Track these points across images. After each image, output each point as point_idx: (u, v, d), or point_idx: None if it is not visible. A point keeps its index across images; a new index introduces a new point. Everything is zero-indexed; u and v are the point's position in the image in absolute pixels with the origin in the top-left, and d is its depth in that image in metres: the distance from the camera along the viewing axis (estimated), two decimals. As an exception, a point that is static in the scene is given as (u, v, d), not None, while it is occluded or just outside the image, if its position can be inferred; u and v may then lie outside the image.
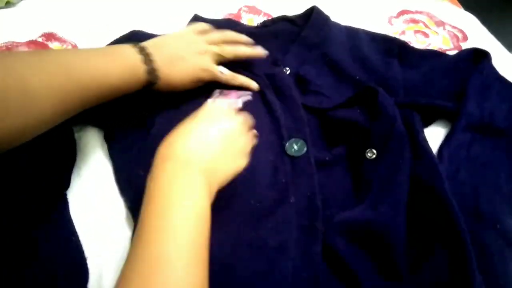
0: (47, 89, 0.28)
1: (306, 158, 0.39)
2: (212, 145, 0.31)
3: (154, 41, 0.40)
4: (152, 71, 0.37)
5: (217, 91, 0.41)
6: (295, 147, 0.40)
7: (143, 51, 0.37)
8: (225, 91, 0.42)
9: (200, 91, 0.43)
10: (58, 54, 0.32)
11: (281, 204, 0.36)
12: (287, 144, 0.40)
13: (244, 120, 0.35)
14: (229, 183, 0.32)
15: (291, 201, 0.36)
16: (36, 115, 0.28)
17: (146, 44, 0.39)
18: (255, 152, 0.39)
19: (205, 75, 0.42)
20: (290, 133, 0.41)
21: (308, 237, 0.34)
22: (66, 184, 0.38)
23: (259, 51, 0.46)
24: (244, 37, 0.46)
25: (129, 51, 0.37)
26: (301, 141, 0.40)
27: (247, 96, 0.43)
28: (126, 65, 0.35)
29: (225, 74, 0.43)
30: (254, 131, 0.37)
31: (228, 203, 0.35)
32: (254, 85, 0.45)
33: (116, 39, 0.51)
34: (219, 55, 0.43)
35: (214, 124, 0.32)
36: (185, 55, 0.40)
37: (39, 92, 0.28)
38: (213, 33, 0.45)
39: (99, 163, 0.41)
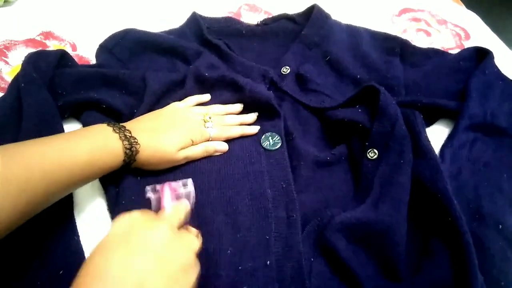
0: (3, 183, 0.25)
1: (280, 152, 0.40)
2: (142, 278, 0.23)
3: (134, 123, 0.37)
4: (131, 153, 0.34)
5: (148, 188, 0.31)
6: (271, 141, 0.41)
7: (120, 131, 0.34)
8: (157, 187, 0.31)
9: None
10: (20, 146, 0.29)
11: (258, 197, 0.36)
12: (262, 137, 0.41)
13: (174, 217, 0.28)
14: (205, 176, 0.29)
15: (268, 195, 0.36)
16: None
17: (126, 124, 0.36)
18: (235, 143, 0.40)
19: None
20: (264, 127, 0.42)
21: (287, 229, 0.34)
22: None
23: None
24: (234, 107, 0.44)
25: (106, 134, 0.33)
26: (278, 136, 0.41)
27: (185, 189, 0.32)
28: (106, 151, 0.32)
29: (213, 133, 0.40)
30: (194, 230, 0.30)
31: (206, 196, 0.36)
32: (253, 130, 0.42)
33: (110, 36, 0.51)
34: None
35: (139, 245, 0.24)
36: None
37: None
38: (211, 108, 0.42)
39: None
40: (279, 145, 0.41)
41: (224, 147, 0.40)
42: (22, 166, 0.28)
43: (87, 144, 0.32)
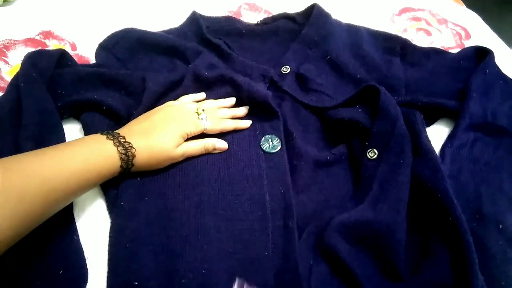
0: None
1: (280, 155, 0.40)
2: None
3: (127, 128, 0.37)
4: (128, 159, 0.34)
5: None
6: (270, 143, 0.40)
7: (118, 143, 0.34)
8: None
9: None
10: (18, 157, 0.30)
11: (257, 203, 0.36)
12: (262, 139, 0.41)
13: None
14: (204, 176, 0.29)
15: (266, 201, 0.36)
16: None
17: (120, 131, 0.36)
18: (234, 144, 0.40)
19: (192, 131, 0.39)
20: (264, 129, 0.42)
21: (284, 238, 0.34)
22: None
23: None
24: (226, 101, 0.44)
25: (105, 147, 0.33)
26: (277, 138, 0.41)
27: None
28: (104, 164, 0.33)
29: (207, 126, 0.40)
30: None
31: (206, 197, 0.36)
32: (245, 125, 0.42)
33: (109, 36, 0.51)
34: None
35: None
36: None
37: None
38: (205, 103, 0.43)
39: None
40: (278, 147, 0.40)
41: (224, 145, 0.40)
42: (20, 175, 0.28)
43: (82, 152, 0.32)
